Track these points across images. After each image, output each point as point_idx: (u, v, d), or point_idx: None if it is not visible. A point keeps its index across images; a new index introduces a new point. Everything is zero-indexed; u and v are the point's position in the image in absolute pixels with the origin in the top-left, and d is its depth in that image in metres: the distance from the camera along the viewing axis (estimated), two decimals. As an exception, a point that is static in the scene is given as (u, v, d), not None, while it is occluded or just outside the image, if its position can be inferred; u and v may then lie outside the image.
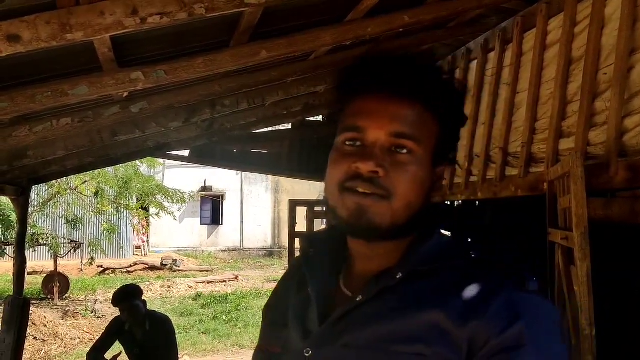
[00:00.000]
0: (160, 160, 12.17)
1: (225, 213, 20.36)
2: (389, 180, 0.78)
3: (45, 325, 8.42)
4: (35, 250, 11.47)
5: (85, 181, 10.31)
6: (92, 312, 9.94)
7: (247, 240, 20.24)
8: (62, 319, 9.28)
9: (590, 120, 2.36)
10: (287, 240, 6.25)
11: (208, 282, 13.40)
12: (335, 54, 3.19)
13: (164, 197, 11.63)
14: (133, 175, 10.69)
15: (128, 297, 3.96)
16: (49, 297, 10.96)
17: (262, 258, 19.33)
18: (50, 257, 11.92)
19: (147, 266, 15.55)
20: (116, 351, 4.22)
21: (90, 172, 8.97)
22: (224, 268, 16.64)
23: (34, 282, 11.89)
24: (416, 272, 0.80)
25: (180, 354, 6.33)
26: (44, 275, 11.81)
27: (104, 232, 11.37)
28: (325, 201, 0.84)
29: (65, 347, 7.99)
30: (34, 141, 2.96)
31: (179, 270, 15.33)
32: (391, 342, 0.75)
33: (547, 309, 0.77)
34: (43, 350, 7.74)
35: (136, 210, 12.02)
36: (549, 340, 0.73)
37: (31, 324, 7.39)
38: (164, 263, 15.64)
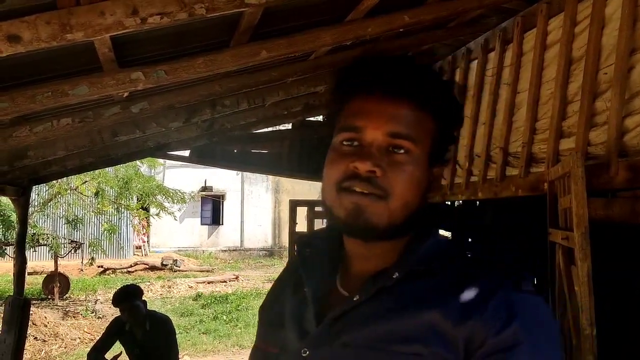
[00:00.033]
0: (160, 161, 12.18)
1: (225, 213, 20.36)
2: (386, 180, 0.78)
3: (46, 326, 8.42)
4: (35, 251, 11.48)
5: (86, 181, 10.31)
6: (92, 312, 9.94)
7: (247, 240, 20.24)
8: (63, 319, 9.28)
9: (590, 120, 2.36)
10: (288, 240, 6.25)
11: (208, 282, 13.40)
12: (336, 54, 3.19)
13: (164, 197, 11.63)
14: (133, 176, 10.70)
15: (128, 298, 3.96)
16: (49, 297, 10.96)
17: (263, 258, 19.33)
18: (50, 258, 11.93)
19: (147, 266, 15.56)
20: (116, 351, 4.22)
21: (91, 172, 8.98)
22: (225, 268, 16.64)
23: (35, 283, 11.90)
24: (413, 272, 0.80)
25: (181, 354, 6.34)
26: (45, 275, 11.81)
27: (105, 232, 11.37)
28: (322, 201, 0.84)
29: (65, 348, 7.99)
30: (34, 141, 2.96)
31: (180, 271, 15.33)
32: (388, 342, 0.75)
33: (543, 309, 0.77)
34: (43, 351, 7.74)
35: (136, 210, 12.01)
36: (544, 340, 0.73)
37: (32, 324, 7.39)
38: (164, 263, 15.64)
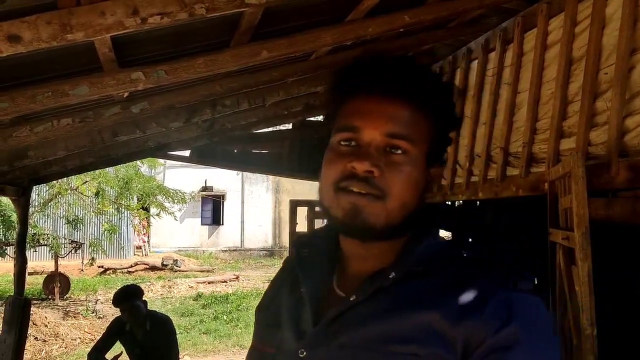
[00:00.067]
0: (160, 161, 12.17)
1: (225, 213, 20.36)
2: (383, 181, 0.78)
3: (46, 326, 8.42)
4: (36, 251, 11.49)
5: (86, 181, 10.31)
6: (92, 313, 9.94)
7: (247, 240, 20.23)
8: (63, 319, 9.29)
9: (591, 120, 2.35)
10: (288, 240, 6.25)
11: (209, 282, 13.40)
12: (336, 54, 3.18)
13: (164, 197, 11.63)
14: (134, 176, 10.69)
15: (129, 298, 3.96)
16: (49, 297, 10.96)
17: (263, 258, 19.32)
18: (51, 258, 11.93)
19: (147, 266, 15.56)
20: (117, 351, 4.22)
21: (91, 172, 8.99)
22: (225, 268, 16.64)
23: (35, 283, 11.90)
24: (410, 272, 0.80)
25: (181, 354, 6.34)
26: (45, 275, 11.81)
27: (105, 233, 11.36)
28: (320, 201, 0.84)
29: (66, 348, 7.99)
30: (34, 141, 2.96)
31: (180, 271, 15.33)
32: (385, 343, 0.75)
33: (541, 309, 0.77)
34: (44, 351, 7.74)
35: (137, 210, 12.01)
36: (543, 340, 0.73)
37: (32, 324, 7.39)
38: (164, 263, 15.64)
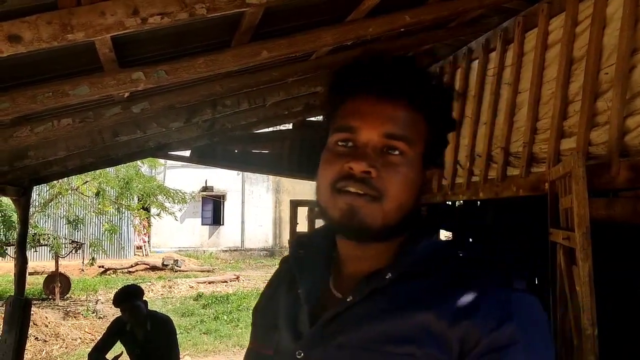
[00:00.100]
0: (161, 161, 12.18)
1: (226, 213, 20.36)
2: (380, 181, 0.78)
3: (47, 326, 8.42)
4: (36, 251, 11.48)
5: (87, 181, 10.31)
6: (93, 313, 9.94)
7: (248, 240, 20.24)
8: (64, 320, 9.29)
9: (591, 120, 2.35)
10: (289, 240, 6.25)
11: (209, 283, 13.40)
12: (337, 54, 3.18)
13: (165, 197, 11.63)
14: (134, 176, 10.69)
15: (129, 298, 3.96)
16: (50, 297, 10.96)
17: (263, 258, 19.32)
18: (51, 258, 11.93)
19: (148, 266, 15.55)
20: (117, 352, 4.22)
21: (92, 172, 8.99)
22: (225, 268, 16.64)
23: (35, 283, 11.91)
24: (407, 273, 0.80)
25: (182, 355, 6.34)
26: (45, 275, 11.81)
27: (105, 233, 11.36)
28: (317, 201, 0.84)
29: (66, 348, 7.99)
30: (35, 141, 2.97)
31: (180, 271, 15.33)
32: (382, 343, 0.75)
33: (537, 308, 0.77)
34: (44, 351, 7.75)
35: (137, 210, 12.02)
36: (539, 339, 0.74)
37: (32, 324, 7.38)
38: (165, 263, 15.64)
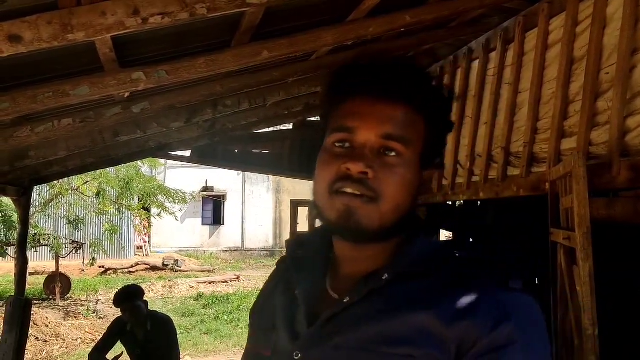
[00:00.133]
0: (161, 161, 12.18)
1: (226, 213, 20.35)
2: (377, 182, 0.78)
3: (47, 326, 8.43)
4: (36, 251, 11.50)
5: (87, 181, 10.31)
6: (93, 313, 9.94)
7: (248, 240, 20.23)
8: (64, 320, 9.29)
9: (592, 120, 2.35)
10: (286, 240, 6.25)
11: (210, 283, 13.40)
12: (337, 54, 3.18)
13: (165, 197, 11.63)
14: (134, 176, 10.69)
15: (130, 298, 3.96)
16: (50, 297, 10.97)
17: (264, 258, 19.32)
18: (51, 258, 11.92)
19: (148, 266, 15.55)
20: (118, 352, 4.22)
21: (92, 172, 8.99)
22: (226, 268, 16.64)
23: (36, 283, 11.91)
24: (404, 273, 0.80)
25: (182, 355, 6.33)
26: (46, 275, 11.82)
27: (106, 233, 11.37)
28: (314, 202, 0.84)
29: (67, 348, 8.00)
30: (35, 142, 2.97)
31: (181, 271, 15.33)
32: (379, 344, 0.75)
33: (535, 308, 0.77)
34: (45, 351, 7.75)
35: (138, 210, 12.02)
36: (537, 339, 0.74)
37: (33, 324, 7.39)
38: (165, 263, 15.64)
